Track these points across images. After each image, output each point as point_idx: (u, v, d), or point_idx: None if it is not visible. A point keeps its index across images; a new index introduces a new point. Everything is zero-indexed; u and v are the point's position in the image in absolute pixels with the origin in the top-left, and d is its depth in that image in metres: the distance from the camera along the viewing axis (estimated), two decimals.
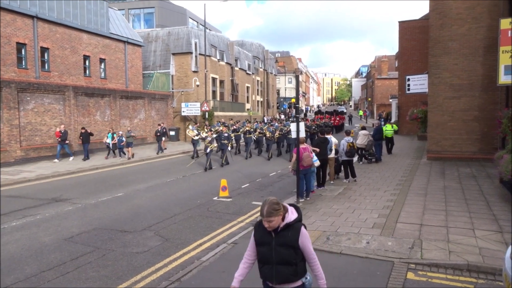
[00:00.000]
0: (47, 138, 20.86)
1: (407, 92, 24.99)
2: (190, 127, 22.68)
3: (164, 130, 24.65)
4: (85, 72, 25.67)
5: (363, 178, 14.25)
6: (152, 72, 33.68)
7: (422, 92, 23.79)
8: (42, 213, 10.48)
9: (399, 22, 34.63)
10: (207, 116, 32.01)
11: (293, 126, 11.04)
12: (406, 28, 33.96)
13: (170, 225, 9.30)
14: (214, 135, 21.11)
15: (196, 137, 20.49)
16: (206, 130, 20.81)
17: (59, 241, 8.25)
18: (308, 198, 11.10)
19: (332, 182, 13.56)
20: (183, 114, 32.46)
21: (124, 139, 20.83)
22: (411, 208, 9.79)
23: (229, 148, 18.89)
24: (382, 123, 26.36)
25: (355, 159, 15.97)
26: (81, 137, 20.81)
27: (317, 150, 12.12)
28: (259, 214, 9.95)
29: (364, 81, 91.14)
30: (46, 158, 20.14)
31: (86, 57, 25.70)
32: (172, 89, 34.61)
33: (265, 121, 37.98)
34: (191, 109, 31.89)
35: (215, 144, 18.23)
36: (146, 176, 15.93)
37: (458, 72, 17.67)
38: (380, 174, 14.95)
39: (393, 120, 36.54)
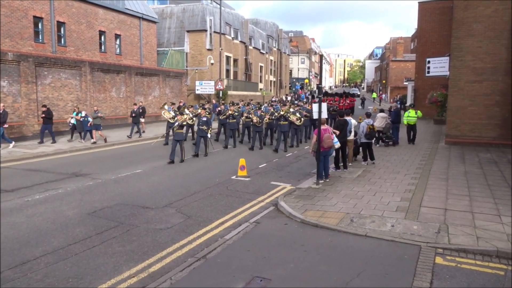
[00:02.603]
0: (63, 113, 20.95)
1: (427, 75, 24.49)
2: (166, 107, 18.77)
3: (141, 110, 21.06)
4: (100, 47, 25.57)
5: (382, 161, 14.11)
6: (166, 49, 33.44)
7: (443, 75, 23.31)
8: (64, 187, 10.58)
9: (419, 2, 33.70)
10: (221, 95, 31.87)
11: (315, 107, 10.89)
12: (426, 9, 33.06)
13: (191, 203, 9.33)
14: (191, 117, 17.59)
15: (172, 120, 17.51)
16: (187, 112, 17.69)
17: (82, 215, 8.33)
18: (327, 180, 11.03)
19: (350, 164, 13.45)
20: (197, 92, 32.34)
21: (90, 119, 17.84)
22: (434, 193, 9.68)
23: (209, 135, 15.36)
24: (399, 105, 26.01)
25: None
26: (42, 116, 17.50)
27: (337, 132, 11.98)
28: (278, 194, 9.94)
29: (377, 63, 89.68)
30: (63, 133, 20.25)
31: (101, 33, 25.55)
32: (186, 67, 34.42)
33: (274, 101, 36.43)
34: (205, 87, 31.75)
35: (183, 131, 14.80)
36: (160, 154, 15.93)
37: (482, 55, 17.22)
38: (399, 158, 14.79)
39: (408, 103, 35.97)
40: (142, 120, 21.17)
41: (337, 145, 11.50)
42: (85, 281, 5.52)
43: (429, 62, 24.24)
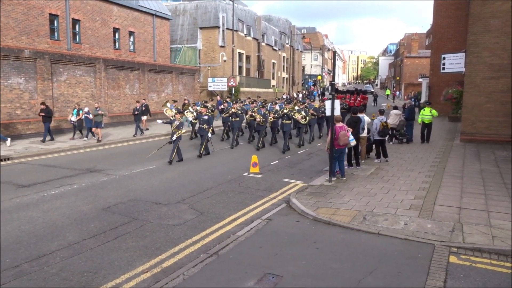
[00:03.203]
0: None
1: (442, 71, 24.13)
2: (168, 105, 18.23)
3: (144, 108, 20.52)
4: (114, 45, 25.82)
5: (395, 158, 13.99)
6: (179, 46, 33.61)
7: (458, 72, 22.93)
8: (79, 182, 10.74)
9: None
10: (233, 92, 31.91)
11: (328, 104, 10.83)
12: (442, 5, 32.54)
13: (204, 199, 9.38)
14: (190, 118, 17.88)
15: (181, 118, 16.79)
16: (191, 110, 17.63)
17: (97, 210, 8.45)
18: (344, 178, 10.96)
19: (363, 161, 13.35)
20: (209, 89, 32.44)
21: (91, 117, 17.43)
22: (448, 191, 9.56)
23: (210, 135, 14.72)
24: (413, 102, 25.69)
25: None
26: (41, 114, 17.02)
27: (350, 129, 11.89)
28: (290, 191, 9.92)
29: (391, 60, 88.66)
30: (64, 131, 20.46)
31: (115, 30, 25.80)
32: (199, 63, 34.53)
33: (285, 99, 35.62)
34: (218, 84, 31.83)
35: (183, 130, 13.98)
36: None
37: (499, 51, 16.89)
38: (413, 155, 14.64)
39: (422, 100, 35.50)
40: (144, 118, 20.71)
41: (353, 142, 11.43)
42: (99, 275, 5.60)
43: (444, 58, 23.86)
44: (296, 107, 17.42)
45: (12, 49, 17.80)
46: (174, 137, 13.31)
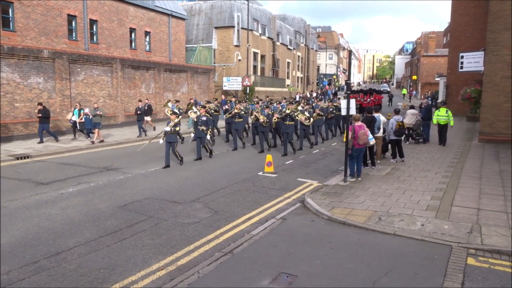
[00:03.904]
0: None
1: (460, 70, 23.75)
2: (169, 105, 17.16)
3: (146, 108, 19.52)
4: (131, 44, 26.13)
5: (411, 158, 13.82)
6: (194, 45, 33.82)
7: (477, 71, 22.53)
8: (96, 180, 10.90)
9: None
10: (248, 91, 31.95)
11: (343, 103, 10.76)
12: (460, 3, 32.02)
13: (218, 198, 9.43)
14: (194, 118, 15.79)
15: (177, 119, 16.50)
16: (195, 110, 16.76)
17: (113, 208, 8.56)
18: (359, 178, 10.88)
19: (378, 161, 13.23)
20: (224, 88, 32.55)
21: (91, 117, 16.92)
22: (466, 192, 9.41)
23: (208, 137, 13.96)
24: (430, 102, 25.34)
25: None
26: (38, 115, 16.48)
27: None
28: (305, 191, 9.89)
29: (408, 59, 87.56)
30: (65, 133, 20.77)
31: (132, 30, 26.12)
32: (214, 63, 34.68)
33: (297, 99, 34.52)
34: (233, 83, 31.92)
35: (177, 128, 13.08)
36: (189, 149, 16.14)
37: None
38: (429, 155, 14.44)
39: (440, 100, 34.97)
40: (148, 118, 19.94)
41: (372, 141, 11.34)
42: (116, 272, 5.68)
43: (462, 57, 23.49)
44: (300, 108, 16.34)
45: (31, 49, 18.18)
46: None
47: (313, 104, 19.01)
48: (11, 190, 9.84)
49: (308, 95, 46.00)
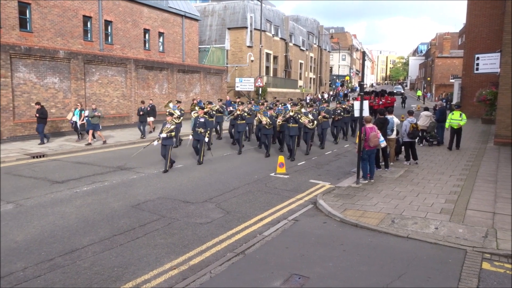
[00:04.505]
0: (110, 109, 21.81)
1: (475, 72, 23.36)
2: (171, 105, 16.22)
3: (149, 109, 18.99)
4: (145, 45, 26.38)
5: (425, 161, 13.67)
6: (207, 46, 33.98)
7: (493, 72, 22.16)
8: (109, 180, 11.03)
9: None
10: (260, 92, 31.97)
11: (356, 104, 10.70)
12: (476, 3, 31.54)
13: (230, 198, 9.45)
14: (193, 118, 15.56)
15: (178, 120, 15.76)
16: (197, 110, 15.39)
17: (127, 207, 8.65)
18: (372, 180, 10.81)
19: (392, 163, 13.12)
20: (237, 89, 32.63)
21: (90, 119, 16.51)
22: (481, 195, 9.28)
23: (206, 139, 13.22)
24: (445, 103, 25.02)
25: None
26: (36, 115, 16.18)
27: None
28: (317, 192, 9.85)
29: (422, 60, 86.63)
30: (109, 128, 21.08)
31: (146, 31, 26.37)
32: (227, 64, 34.78)
33: (307, 100, 34.54)
34: (245, 84, 31.99)
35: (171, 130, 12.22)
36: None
37: None
38: (443, 158, 14.27)
39: (454, 102, 34.50)
40: (151, 119, 19.32)
41: (383, 144, 11.27)
42: (129, 271, 5.74)
43: (478, 58, 23.10)
44: (303, 110, 15.52)
45: (48, 49, 18.47)
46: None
47: (319, 106, 18.27)
48: (27, 188, 10.01)
49: (319, 97, 45.57)
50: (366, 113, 10.69)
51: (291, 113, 14.44)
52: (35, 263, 5.93)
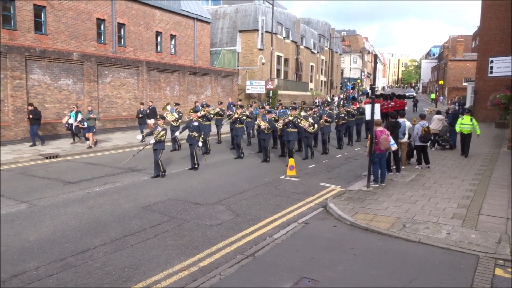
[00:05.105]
0: (122, 111, 22.03)
1: (489, 75, 23.05)
2: (168, 108, 15.90)
3: (148, 111, 18.34)
4: (156, 48, 26.60)
5: (437, 165, 13.53)
6: (219, 49, 34.12)
7: (507, 76, 21.86)
8: (121, 181, 11.13)
9: None
10: (271, 95, 31.99)
11: (367, 108, 10.65)
12: (490, 6, 31.20)
13: (240, 201, 9.47)
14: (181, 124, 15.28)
15: (176, 123, 15.74)
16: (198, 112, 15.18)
17: (138, 208, 8.72)
18: (383, 184, 10.74)
19: (403, 167, 13.01)
20: (247, 91, 32.69)
21: (85, 123, 16.20)
22: (494, 200, 9.15)
23: (199, 144, 12.70)
24: (457, 107, 24.74)
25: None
26: (29, 116, 15.78)
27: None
28: (328, 195, 9.81)
29: (435, 63, 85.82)
30: (121, 130, 21.28)
31: (158, 33, 26.59)
32: (238, 66, 34.87)
33: (317, 103, 33.70)
34: (256, 87, 32.02)
35: (162, 132, 11.62)
36: (213, 151, 16.26)
37: None
38: (456, 162, 14.11)
39: (467, 105, 34.09)
40: (151, 122, 18.35)
41: (394, 147, 11.19)
42: (139, 272, 5.78)
43: (492, 61, 22.80)
44: (303, 113, 15.00)
45: (62, 52, 18.74)
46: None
47: (322, 110, 17.62)
48: (41, 189, 10.16)
49: (328, 99, 45.36)
50: (377, 116, 10.63)
51: (290, 118, 14.03)
52: (47, 263, 6.01)
